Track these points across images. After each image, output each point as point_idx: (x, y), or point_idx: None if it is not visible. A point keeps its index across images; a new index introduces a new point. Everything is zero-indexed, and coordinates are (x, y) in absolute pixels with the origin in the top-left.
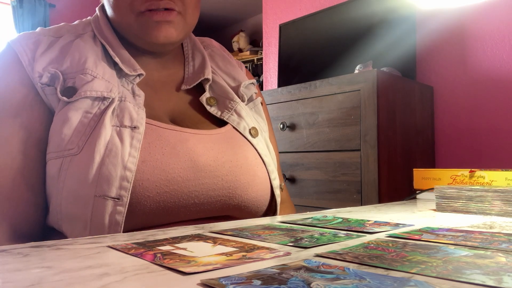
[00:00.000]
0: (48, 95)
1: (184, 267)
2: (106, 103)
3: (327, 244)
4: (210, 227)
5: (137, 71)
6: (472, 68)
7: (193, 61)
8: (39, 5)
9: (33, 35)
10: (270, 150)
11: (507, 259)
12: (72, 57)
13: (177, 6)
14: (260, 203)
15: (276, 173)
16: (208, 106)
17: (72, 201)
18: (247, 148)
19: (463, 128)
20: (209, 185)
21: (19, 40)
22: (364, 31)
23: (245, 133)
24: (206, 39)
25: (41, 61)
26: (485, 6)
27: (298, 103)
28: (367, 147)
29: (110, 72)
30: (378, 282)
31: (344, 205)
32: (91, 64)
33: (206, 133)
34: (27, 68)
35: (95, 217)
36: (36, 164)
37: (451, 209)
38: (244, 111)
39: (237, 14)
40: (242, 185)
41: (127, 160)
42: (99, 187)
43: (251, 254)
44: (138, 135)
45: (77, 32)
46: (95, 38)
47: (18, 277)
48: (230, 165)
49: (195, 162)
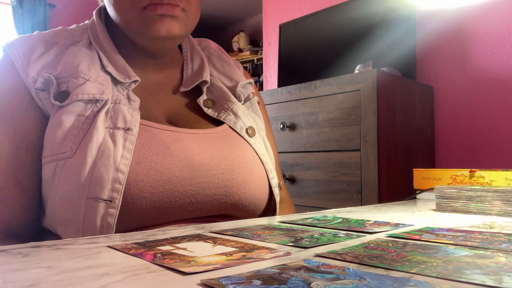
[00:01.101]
0: (42, 100)
1: (184, 267)
2: (99, 105)
3: (327, 244)
4: (210, 227)
5: (131, 78)
6: (472, 68)
7: (192, 64)
8: (39, 5)
9: (28, 40)
10: (268, 149)
11: (507, 259)
12: (66, 62)
13: (181, 3)
14: (258, 201)
15: (274, 172)
16: (205, 108)
17: (66, 203)
18: (243, 146)
19: (463, 128)
20: (205, 183)
21: (14, 44)
22: (364, 31)
23: (241, 132)
24: (204, 40)
25: (35, 66)
26: (485, 6)
27: (298, 103)
28: (367, 147)
29: (104, 76)
30: (378, 282)
31: (344, 205)
32: (84, 68)
33: (201, 132)
34: (22, 73)
35: (87, 220)
36: (29, 168)
37: (451, 209)
38: (241, 110)
39: (237, 14)
40: (238, 183)
41: (119, 162)
42: (91, 190)
43: (251, 254)
44: (131, 137)
45: (73, 38)
46: (91, 45)
47: (18, 277)
48: (226, 164)
49: (191, 161)
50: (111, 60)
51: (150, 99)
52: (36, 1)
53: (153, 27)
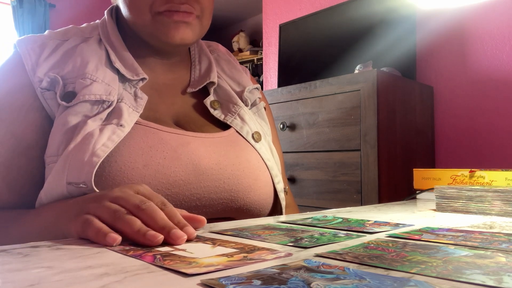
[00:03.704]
0: (47, 100)
1: (185, 268)
2: (105, 106)
3: (327, 244)
4: (210, 227)
5: (139, 75)
6: (472, 68)
7: (200, 65)
8: (39, 5)
9: (39, 39)
10: (274, 154)
11: (507, 259)
12: (74, 62)
13: (196, 10)
14: (263, 206)
15: (280, 177)
16: (212, 109)
17: (50, 191)
18: (249, 151)
19: (463, 128)
20: (211, 188)
21: (25, 42)
22: (364, 31)
23: (248, 137)
24: (213, 43)
25: (43, 66)
26: (485, 6)
27: (298, 103)
28: (367, 147)
29: (111, 76)
30: (378, 282)
31: (344, 205)
32: (91, 68)
33: (208, 136)
34: (29, 72)
35: None
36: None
37: (451, 209)
38: (248, 115)
39: (237, 14)
40: (244, 188)
41: (98, 148)
42: (69, 174)
43: (252, 255)
44: (120, 133)
45: (84, 35)
46: (101, 42)
47: (18, 277)
48: (232, 169)
49: (197, 165)
50: (119, 57)
51: (158, 99)
52: (36, 1)
53: (168, 34)
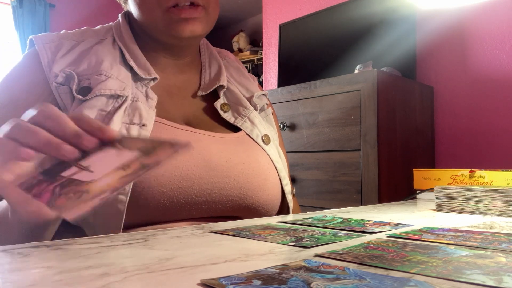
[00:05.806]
0: (61, 94)
1: (72, 207)
2: (120, 101)
3: (327, 244)
4: (210, 227)
5: (151, 75)
6: (472, 68)
7: (210, 69)
8: (39, 5)
9: (56, 38)
10: (282, 157)
11: (507, 259)
12: (90, 61)
13: (201, 1)
14: (271, 207)
15: (287, 180)
16: (222, 112)
17: None
18: (259, 153)
19: (463, 128)
20: (221, 184)
21: (42, 39)
22: (364, 31)
23: (257, 139)
24: (223, 50)
25: (60, 63)
26: (485, 6)
27: (298, 103)
28: (367, 147)
29: (125, 74)
30: (378, 282)
31: (344, 205)
32: (106, 66)
33: (219, 136)
34: (45, 68)
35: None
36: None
37: (451, 209)
38: (257, 119)
39: (237, 14)
40: (253, 187)
41: None
42: None
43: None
44: (145, 132)
45: (98, 37)
46: (114, 42)
47: (18, 277)
48: (243, 167)
49: (208, 161)
50: (133, 56)
51: (168, 101)
52: (36, 1)
53: (178, 29)
